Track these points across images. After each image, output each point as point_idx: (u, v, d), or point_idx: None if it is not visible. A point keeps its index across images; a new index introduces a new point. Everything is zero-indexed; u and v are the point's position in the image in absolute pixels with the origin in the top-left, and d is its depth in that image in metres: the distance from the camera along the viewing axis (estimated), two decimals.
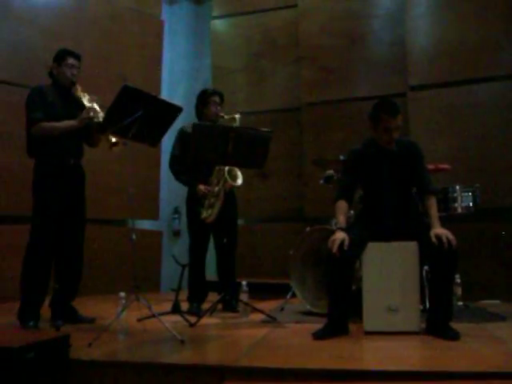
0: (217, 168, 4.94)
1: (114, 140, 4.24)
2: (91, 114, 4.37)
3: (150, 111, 3.92)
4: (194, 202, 5.06)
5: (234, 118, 4.93)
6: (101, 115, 4.33)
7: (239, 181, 4.94)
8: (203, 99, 5.27)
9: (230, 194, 5.15)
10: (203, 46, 8.32)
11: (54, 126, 4.38)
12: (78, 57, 4.60)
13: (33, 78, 4.65)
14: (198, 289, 5.19)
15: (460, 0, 6.54)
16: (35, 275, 4.35)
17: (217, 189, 4.91)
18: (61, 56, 4.54)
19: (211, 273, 5.51)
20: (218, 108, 5.21)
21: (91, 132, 4.54)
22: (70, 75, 4.51)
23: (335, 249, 3.77)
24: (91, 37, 6.88)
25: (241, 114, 5.03)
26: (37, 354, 2.96)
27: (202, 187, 4.97)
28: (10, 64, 6.07)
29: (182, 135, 5.24)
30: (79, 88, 4.53)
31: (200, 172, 5.06)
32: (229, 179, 4.84)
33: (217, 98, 5.26)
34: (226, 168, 4.82)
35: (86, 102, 4.47)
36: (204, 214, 4.93)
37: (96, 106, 4.44)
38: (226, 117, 5.05)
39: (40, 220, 4.40)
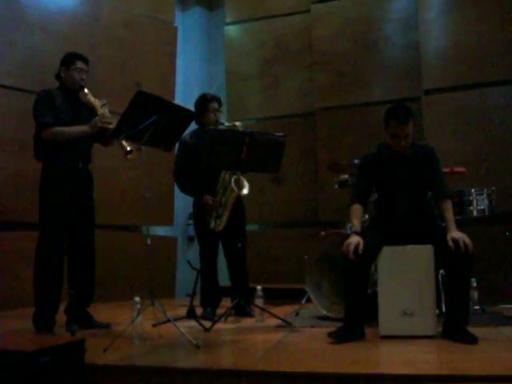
0: (222, 177, 4.92)
1: (128, 148, 4.25)
2: (106, 119, 4.37)
3: (164, 116, 3.93)
4: (201, 211, 5.05)
5: (235, 126, 4.85)
6: (113, 121, 4.34)
7: (245, 190, 4.79)
8: (202, 106, 5.18)
9: (238, 200, 5.13)
10: (217, 51, 8.35)
11: (66, 132, 4.38)
12: (86, 60, 4.60)
13: (46, 85, 4.65)
14: (210, 293, 5.19)
15: (473, 3, 6.51)
16: (46, 280, 4.35)
17: (223, 198, 4.88)
18: (69, 59, 4.54)
19: (225, 279, 5.50)
20: (217, 114, 5.15)
21: (105, 134, 4.53)
22: (78, 79, 4.52)
23: (350, 253, 3.76)
24: (105, 44, 6.94)
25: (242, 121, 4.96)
26: (52, 359, 2.96)
27: (208, 198, 4.92)
28: (23, 71, 6.12)
29: (183, 145, 5.15)
30: (88, 91, 4.53)
31: (206, 181, 5.00)
32: (235, 188, 4.73)
33: (215, 105, 5.19)
34: (233, 177, 4.75)
35: (97, 106, 4.47)
36: (212, 224, 4.92)
37: (107, 112, 4.44)
38: (226, 124, 5.00)
39: (48, 224, 4.40)
